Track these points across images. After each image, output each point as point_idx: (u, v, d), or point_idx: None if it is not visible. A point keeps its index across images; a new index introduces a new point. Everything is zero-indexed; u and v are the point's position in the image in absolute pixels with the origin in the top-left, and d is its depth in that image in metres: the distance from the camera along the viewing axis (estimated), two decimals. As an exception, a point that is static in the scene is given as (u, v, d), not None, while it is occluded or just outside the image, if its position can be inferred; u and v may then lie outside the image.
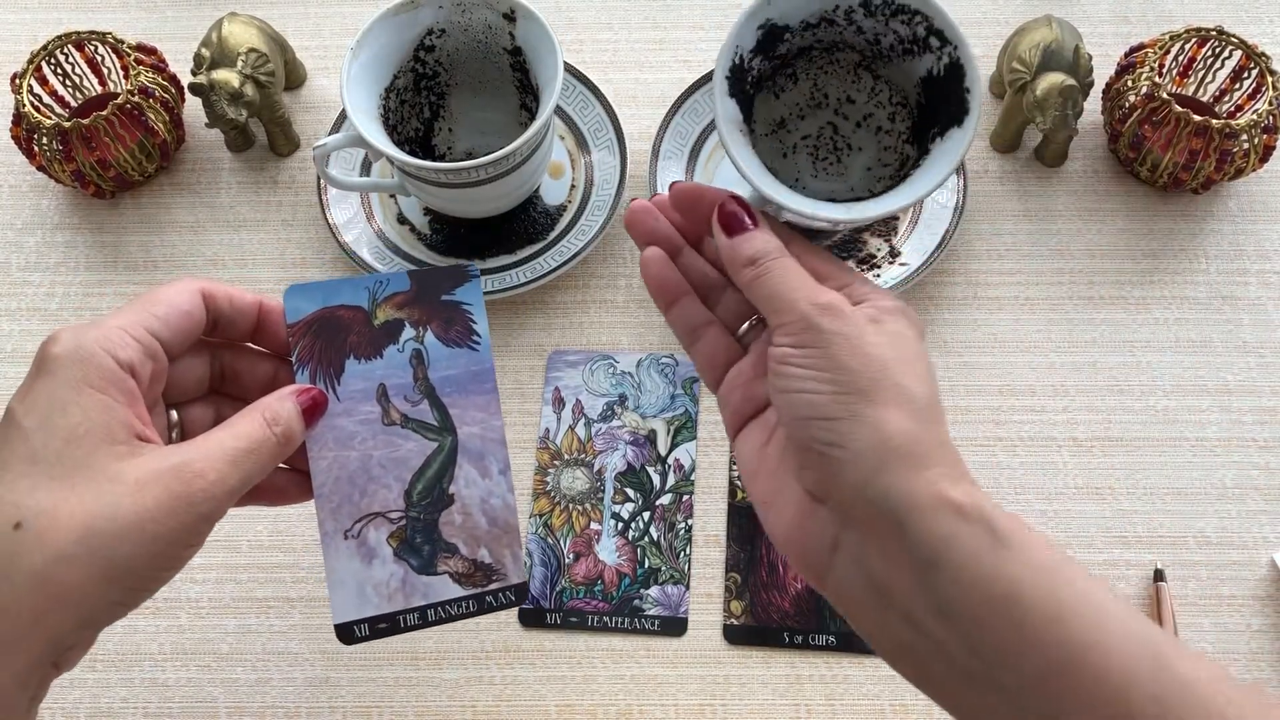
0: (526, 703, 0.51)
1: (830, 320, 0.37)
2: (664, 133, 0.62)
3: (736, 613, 0.53)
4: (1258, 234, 0.61)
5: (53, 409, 0.33)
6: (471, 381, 0.41)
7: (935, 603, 0.33)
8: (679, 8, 0.69)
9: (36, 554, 0.31)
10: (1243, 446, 0.56)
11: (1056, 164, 0.63)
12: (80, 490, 0.33)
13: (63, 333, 0.35)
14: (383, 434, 0.40)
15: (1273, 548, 0.54)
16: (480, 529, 0.40)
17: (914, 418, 0.35)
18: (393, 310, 0.41)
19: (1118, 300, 0.60)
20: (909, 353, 0.37)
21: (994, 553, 0.33)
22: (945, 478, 0.34)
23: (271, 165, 0.65)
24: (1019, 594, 0.32)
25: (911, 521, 0.34)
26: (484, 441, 0.41)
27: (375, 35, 0.55)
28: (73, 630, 0.33)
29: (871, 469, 0.35)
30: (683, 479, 0.56)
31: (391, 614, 0.39)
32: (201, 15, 0.69)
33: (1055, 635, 0.32)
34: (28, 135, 0.60)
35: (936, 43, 0.47)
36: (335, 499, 0.39)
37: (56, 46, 0.61)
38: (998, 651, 0.32)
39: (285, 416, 0.37)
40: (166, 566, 0.34)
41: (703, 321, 0.42)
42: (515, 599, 0.41)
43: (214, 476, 0.34)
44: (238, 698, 0.52)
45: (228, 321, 0.39)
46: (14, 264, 0.62)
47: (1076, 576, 0.33)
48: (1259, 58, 0.59)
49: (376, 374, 0.40)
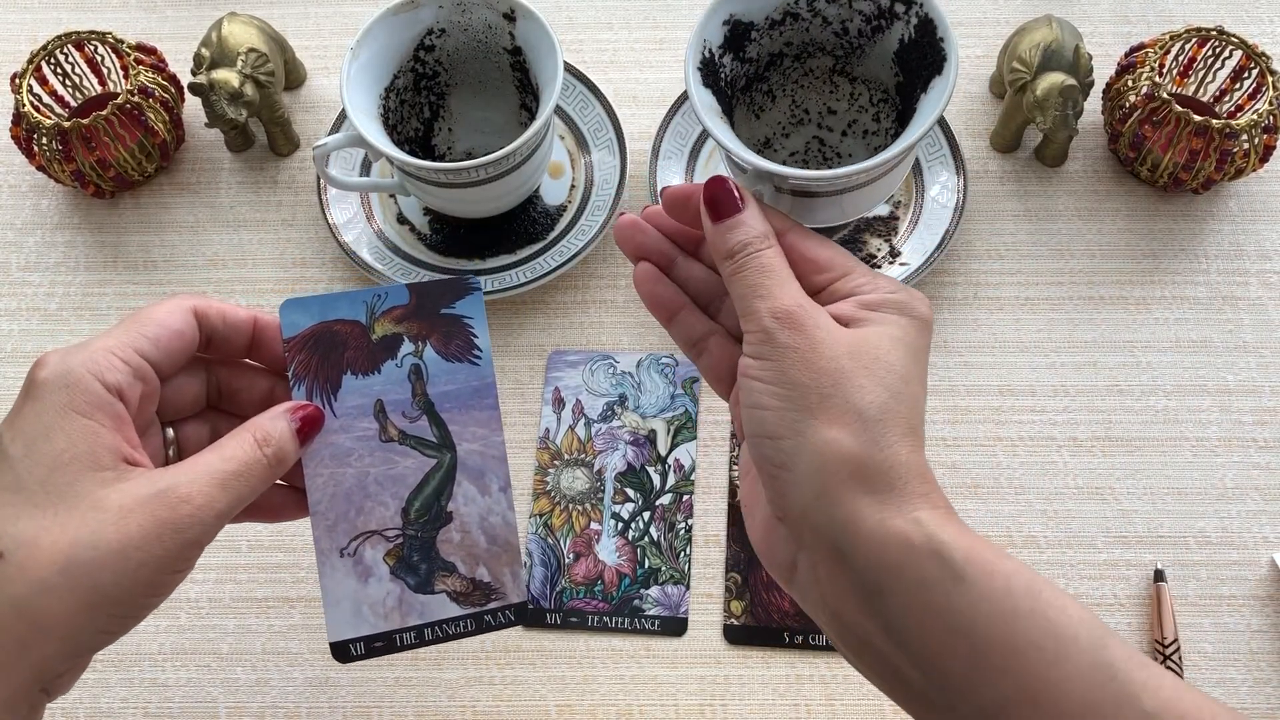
0: (526, 703, 0.51)
1: (787, 333, 0.35)
2: (664, 133, 0.62)
3: (736, 613, 0.53)
4: (1258, 234, 0.61)
5: (37, 436, 0.33)
6: (472, 397, 0.40)
7: (883, 628, 0.32)
8: (679, 8, 0.69)
9: (19, 584, 0.31)
10: (1243, 446, 0.56)
11: (1056, 164, 0.63)
12: (63, 519, 0.32)
13: (50, 356, 0.34)
14: (380, 450, 0.39)
15: (1273, 548, 0.54)
16: (479, 547, 0.40)
17: (861, 436, 0.33)
18: (391, 324, 0.40)
19: (1118, 300, 0.60)
20: (876, 357, 0.35)
21: (947, 585, 0.32)
22: (893, 503, 0.33)
23: (271, 165, 0.65)
24: (973, 628, 0.31)
25: (854, 550, 0.33)
26: (484, 458, 0.40)
27: (375, 35, 0.55)
28: (59, 659, 0.32)
29: (814, 493, 0.33)
30: (683, 479, 0.56)
31: (388, 633, 0.39)
32: (201, 15, 0.69)
33: (1012, 668, 0.31)
34: (27, 135, 0.60)
35: (902, 7, 0.48)
36: (331, 516, 0.39)
37: (56, 46, 0.61)
38: (953, 681, 0.32)
39: (277, 436, 0.37)
40: (153, 593, 0.34)
41: (704, 332, 0.41)
42: (514, 619, 0.40)
43: (201, 501, 0.34)
44: (238, 698, 0.52)
45: (222, 339, 0.39)
46: (14, 264, 0.62)
47: (1041, 606, 0.31)
48: (1259, 58, 0.59)
49: (374, 389, 0.40)
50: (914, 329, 0.36)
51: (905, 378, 0.35)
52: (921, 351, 0.36)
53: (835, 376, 0.34)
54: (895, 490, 0.33)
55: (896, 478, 0.33)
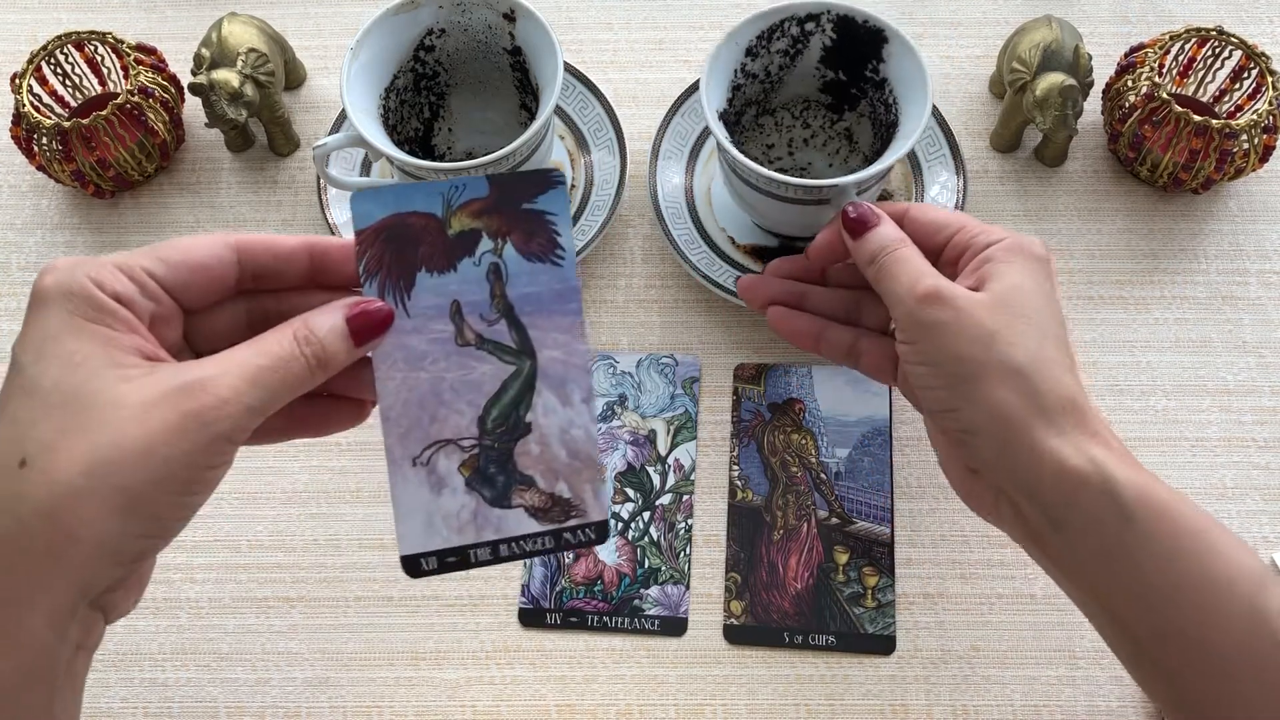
0: (526, 703, 0.51)
1: (931, 310, 0.39)
2: (664, 133, 0.62)
3: (736, 613, 0.53)
4: (1258, 234, 0.61)
5: (45, 340, 0.31)
6: (554, 301, 0.37)
7: (1065, 560, 0.38)
8: (679, 8, 0.69)
9: (42, 489, 0.29)
10: (1243, 446, 0.56)
11: (1056, 164, 0.63)
12: (83, 419, 0.30)
13: (55, 263, 0.33)
14: (456, 355, 0.37)
15: (1273, 548, 0.54)
16: (559, 461, 0.37)
17: (1025, 387, 0.38)
18: (469, 219, 0.37)
19: (1117, 300, 0.60)
20: (1017, 309, 0.39)
21: (1118, 524, 0.36)
22: (1069, 443, 0.37)
23: (271, 165, 0.65)
24: (1137, 565, 0.35)
25: (1039, 491, 0.37)
26: (566, 367, 0.37)
27: (375, 35, 0.55)
28: (97, 568, 0.30)
29: (998, 449, 0.38)
30: (683, 479, 0.56)
31: (461, 547, 0.36)
32: (201, 15, 0.69)
33: (1171, 604, 0.35)
34: (27, 135, 0.60)
35: (812, 25, 0.55)
36: (404, 423, 0.36)
37: (56, 46, 0.61)
38: (1118, 610, 0.36)
39: (323, 334, 0.34)
40: (188, 491, 0.32)
41: (853, 339, 0.46)
42: (595, 537, 0.37)
43: (228, 394, 0.31)
44: (238, 698, 0.52)
45: (274, 272, 0.36)
46: (14, 264, 0.62)
47: (1204, 549, 0.35)
48: (1259, 58, 0.59)
49: (450, 289, 0.37)
50: (1034, 266, 0.40)
51: (1043, 319, 0.39)
52: (1047, 286, 0.41)
53: (985, 341, 0.38)
54: (1067, 433, 0.37)
55: (1066, 420, 0.38)
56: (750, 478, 0.56)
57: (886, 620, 0.52)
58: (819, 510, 0.55)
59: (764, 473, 0.56)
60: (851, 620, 0.52)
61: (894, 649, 0.52)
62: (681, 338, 0.59)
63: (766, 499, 0.55)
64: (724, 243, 0.60)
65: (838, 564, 0.53)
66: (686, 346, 0.59)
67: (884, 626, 0.52)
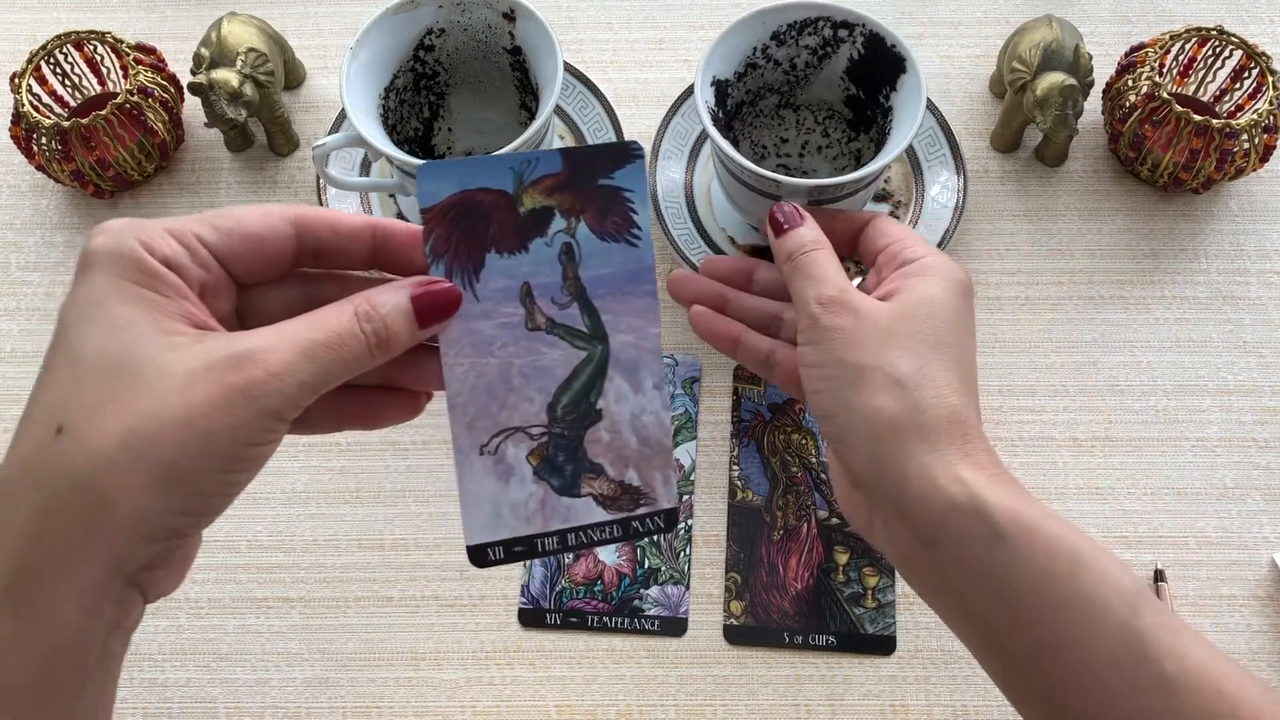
0: (526, 703, 0.51)
1: (830, 315, 0.39)
2: (664, 133, 0.62)
3: (736, 613, 0.53)
4: (1258, 234, 0.61)
5: (91, 302, 0.30)
6: (629, 282, 0.35)
7: (938, 576, 0.36)
8: (679, 8, 0.69)
9: (78, 459, 0.28)
10: (1243, 446, 0.56)
11: (1056, 164, 0.63)
12: (125, 387, 0.29)
13: (109, 224, 0.31)
14: (525, 340, 0.35)
15: (1273, 548, 0.54)
16: (630, 448, 0.36)
17: (903, 401, 0.37)
18: (541, 196, 0.35)
19: (1118, 300, 0.60)
20: (918, 323, 0.38)
21: (988, 543, 0.35)
22: (939, 463, 0.36)
23: (271, 165, 0.65)
24: (1009, 584, 0.34)
25: (909, 508, 0.36)
26: (639, 351, 0.36)
27: (375, 35, 0.55)
28: (134, 544, 0.29)
29: (870, 460, 0.37)
30: (683, 479, 0.56)
31: (529, 537, 0.35)
32: (201, 15, 0.69)
33: (1045, 622, 0.34)
34: (27, 135, 0.59)
35: (845, 32, 0.54)
36: (471, 411, 0.35)
37: (56, 46, 0.61)
38: (993, 627, 0.35)
39: (385, 312, 0.32)
40: (231, 469, 0.30)
41: (769, 349, 0.45)
42: (664, 525, 0.36)
43: (279, 368, 0.30)
44: (237, 698, 0.52)
45: (336, 250, 0.34)
46: (14, 264, 0.62)
47: (1078, 569, 0.34)
48: (1259, 57, 0.59)
49: (520, 270, 0.35)
50: (950, 287, 0.40)
51: (944, 336, 0.38)
52: (960, 307, 0.40)
53: (875, 350, 0.37)
54: (940, 450, 0.36)
55: (942, 438, 0.36)
56: (750, 478, 0.56)
57: (887, 620, 0.52)
58: (819, 510, 0.55)
59: (764, 473, 0.56)
60: (851, 620, 0.52)
61: (894, 649, 0.52)
62: (681, 338, 0.59)
63: (766, 499, 0.55)
64: (723, 242, 0.60)
65: (838, 564, 0.53)
66: (686, 346, 0.59)
67: (884, 627, 0.52)
